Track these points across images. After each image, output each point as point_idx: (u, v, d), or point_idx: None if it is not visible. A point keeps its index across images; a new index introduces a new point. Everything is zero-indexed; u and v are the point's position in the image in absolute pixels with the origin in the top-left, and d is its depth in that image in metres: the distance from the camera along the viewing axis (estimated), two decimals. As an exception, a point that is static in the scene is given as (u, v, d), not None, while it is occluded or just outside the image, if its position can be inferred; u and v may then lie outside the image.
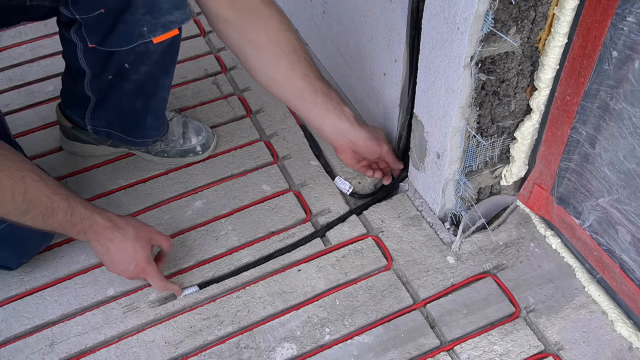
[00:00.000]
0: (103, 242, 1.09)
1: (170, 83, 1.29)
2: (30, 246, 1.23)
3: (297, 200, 1.39)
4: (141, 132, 1.35)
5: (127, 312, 1.22)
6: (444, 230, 1.31)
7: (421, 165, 1.31)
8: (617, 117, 1.02)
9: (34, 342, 1.18)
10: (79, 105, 1.30)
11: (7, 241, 1.17)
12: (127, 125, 1.33)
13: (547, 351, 1.16)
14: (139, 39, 1.09)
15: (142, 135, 1.36)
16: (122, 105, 1.26)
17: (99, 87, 1.23)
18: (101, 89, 1.23)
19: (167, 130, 1.41)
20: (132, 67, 1.16)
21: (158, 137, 1.39)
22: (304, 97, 1.19)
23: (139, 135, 1.35)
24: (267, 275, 1.27)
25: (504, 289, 1.23)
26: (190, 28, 1.78)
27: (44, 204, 0.99)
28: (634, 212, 1.06)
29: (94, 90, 1.24)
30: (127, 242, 1.10)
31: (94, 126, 1.34)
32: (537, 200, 1.29)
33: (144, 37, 1.09)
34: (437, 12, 1.04)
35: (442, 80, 1.11)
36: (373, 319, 1.20)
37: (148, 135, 1.36)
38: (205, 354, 1.16)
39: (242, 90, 1.63)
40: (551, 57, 1.06)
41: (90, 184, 1.42)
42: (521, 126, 1.20)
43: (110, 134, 1.35)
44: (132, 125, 1.33)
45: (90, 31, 1.10)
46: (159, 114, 1.34)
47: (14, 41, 1.74)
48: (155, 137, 1.38)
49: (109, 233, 1.09)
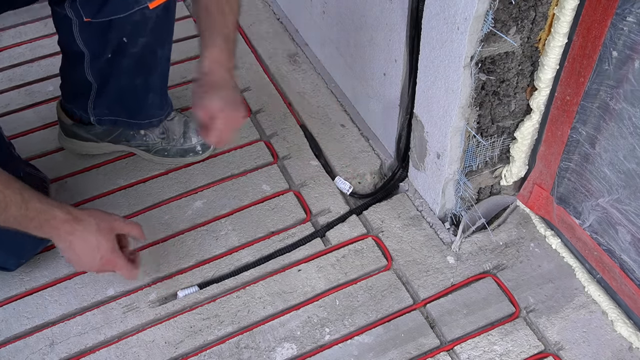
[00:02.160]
0: (64, 236, 1.03)
1: (168, 55, 1.27)
2: (28, 247, 1.23)
3: (297, 200, 1.39)
4: (145, 112, 1.34)
5: (127, 312, 1.22)
6: (444, 230, 1.31)
7: (421, 165, 1.31)
8: (617, 117, 1.02)
9: (34, 342, 1.18)
10: (80, 95, 1.29)
11: (5, 242, 1.16)
12: (130, 107, 1.32)
13: (547, 351, 1.16)
14: (135, 5, 1.09)
15: (147, 116, 1.35)
16: (123, 86, 1.25)
17: (99, 69, 1.22)
18: (101, 71, 1.22)
19: (171, 109, 1.40)
20: (130, 39, 1.15)
21: (162, 116, 1.38)
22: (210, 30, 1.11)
23: (144, 116, 1.35)
24: (267, 275, 1.27)
25: (504, 289, 1.23)
26: (190, 28, 1.78)
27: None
28: (634, 212, 1.06)
29: (94, 74, 1.23)
30: (89, 234, 1.04)
31: (98, 116, 1.33)
32: (537, 200, 1.29)
33: (139, 3, 1.09)
34: (437, 12, 1.04)
35: (442, 80, 1.11)
36: (373, 319, 1.20)
37: (152, 114, 1.36)
38: (205, 354, 1.16)
39: (242, 90, 1.63)
40: (551, 57, 1.06)
41: (90, 184, 1.42)
42: (521, 126, 1.20)
43: (116, 121, 1.34)
44: (135, 106, 1.32)
45: (85, 3, 1.09)
46: (160, 90, 1.33)
47: (14, 41, 1.74)
48: (160, 116, 1.37)
49: (68, 226, 1.02)
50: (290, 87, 1.63)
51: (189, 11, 1.83)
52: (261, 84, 1.64)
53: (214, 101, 1.09)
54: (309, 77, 1.65)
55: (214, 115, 1.10)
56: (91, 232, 1.04)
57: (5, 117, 1.55)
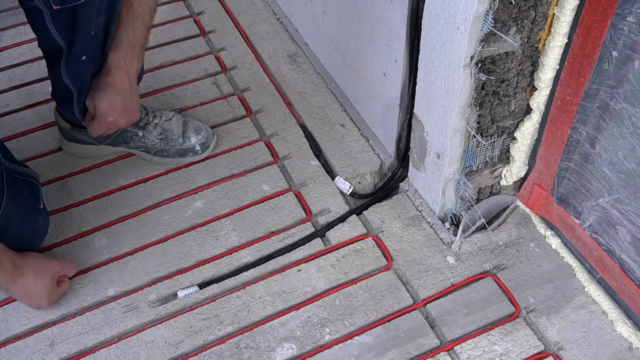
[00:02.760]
0: (4, 284, 1.16)
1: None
2: (22, 244, 1.22)
3: (297, 200, 1.39)
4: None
5: (127, 312, 1.22)
6: (444, 230, 1.31)
7: (421, 165, 1.31)
8: (617, 117, 1.02)
9: (34, 342, 1.18)
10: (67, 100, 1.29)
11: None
12: None
13: (547, 351, 1.16)
14: None
15: None
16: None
17: (74, 71, 1.23)
18: (75, 72, 1.24)
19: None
20: (96, 24, 1.17)
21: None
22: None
23: None
24: (267, 275, 1.27)
25: (504, 289, 1.23)
26: (190, 28, 1.78)
27: None
28: (634, 212, 1.06)
29: (71, 78, 1.24)
30: (28, 286, 1.16)
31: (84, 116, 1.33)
32: (537, 200, 1.29)
33: None
34: (437, 12, 1.04)
35: (442, 80, 1.11)
36: (373, 319, 1.20)
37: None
38: (205, 354, 1.16)
39: (242, 90, 1.63)
40: (551, 57, 1.06)
41: (90, 184, 1.42)
42: (521, 126, 1.20)
43: None
44: None
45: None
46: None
47: (14, 41, 1.74)
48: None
49: (8, 277, 1.14)
50: (290, 87, 1.63)
51: (189, 11, 1.83)
52: (261, 84, 1.64)
53: (102, 102, 1.22)
54: (309, 77, 1.65)
55: (97, 115, 1.24)
56: (29, 284, 1.16)
57: (5, 117, 1.55)
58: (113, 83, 1.22)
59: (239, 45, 1.74)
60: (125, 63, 1.22)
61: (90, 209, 1.37)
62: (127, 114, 1.26)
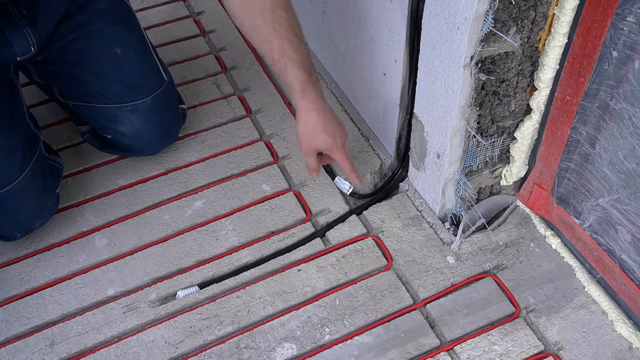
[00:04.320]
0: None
1: None
2: (22, 219, 1.24)
3: (297, 200, 1.39)
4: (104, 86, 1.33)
5: (127, 312, 1.22)
6: (444, 230, 1.31)
7: (421, 165, 1.31)
8: (617, 117, 1.02)
9: (34, 342, 1.18)
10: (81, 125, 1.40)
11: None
12: (91, 92, 1.32)
13: (547, 351, 1.16)
14: None
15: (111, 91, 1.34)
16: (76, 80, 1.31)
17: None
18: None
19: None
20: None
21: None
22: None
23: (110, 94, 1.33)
24: (267, 275, 1.27)
25: (504, 289, 1.23)
26: (190, 28, 1.78)
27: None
28: (634, 212, 1.06)
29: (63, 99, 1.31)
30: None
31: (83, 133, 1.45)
32: (537, 200, 1.29)
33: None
34: (437, 12, 1.04)
35: (442, 80, 1.11)
36: (373, 319, 1.20)
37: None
38: (205, 354, 1.16)
39: (242, 90, 1.63)
40: (551, 57, 1.06)
41: (90, 184, 1.42)
42: (521, 126, 1.20)
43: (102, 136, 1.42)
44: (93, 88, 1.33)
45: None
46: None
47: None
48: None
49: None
50: (290, 87, 1.63)
51: (189, 11, 1.83)
52: (261, 84, 1.64)
53: (320, 144, 1.19)
54: (309, 77, 1.65)
55: (328, 155, 1.24)
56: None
57: (5, 117, 1.55)
58: (298, 122, 1.18)
59: (239, 45, 1.74)
60: (304, 104, 1.16)
61: (90, 209, 1.37)
62: (338, 134, 1.20)
